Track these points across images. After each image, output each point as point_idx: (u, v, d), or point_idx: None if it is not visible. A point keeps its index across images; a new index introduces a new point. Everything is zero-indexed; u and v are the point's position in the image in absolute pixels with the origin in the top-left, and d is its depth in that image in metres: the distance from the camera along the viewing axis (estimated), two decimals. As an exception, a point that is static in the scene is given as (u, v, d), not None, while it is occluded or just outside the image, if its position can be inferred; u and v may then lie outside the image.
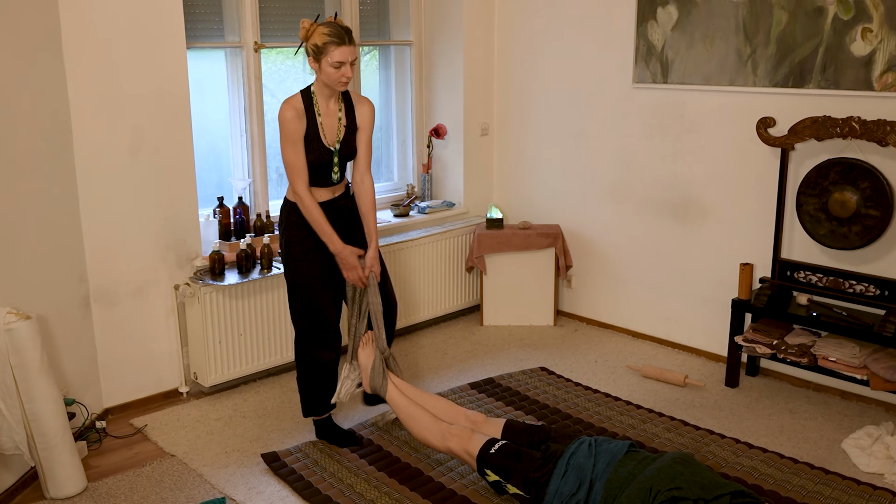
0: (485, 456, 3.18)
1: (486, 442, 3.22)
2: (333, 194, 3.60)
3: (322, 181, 3.52)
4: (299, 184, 3.44)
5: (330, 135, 3.48)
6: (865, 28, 3.87)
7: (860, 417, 4.02)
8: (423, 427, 3.40)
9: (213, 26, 4.43)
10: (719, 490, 2.80)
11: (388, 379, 3.59)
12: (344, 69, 3.34)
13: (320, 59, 3.34)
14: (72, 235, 3.79)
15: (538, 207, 5.50)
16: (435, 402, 3.57)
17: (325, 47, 3.31)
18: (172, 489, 3.42)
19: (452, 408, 3.53)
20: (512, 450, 3.18)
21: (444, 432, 3.32)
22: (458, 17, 5.29)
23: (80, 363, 3.85)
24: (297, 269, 3.56)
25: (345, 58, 3.32)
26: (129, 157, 3.94)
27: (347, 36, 3.34)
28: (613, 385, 4.44)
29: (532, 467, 3.09)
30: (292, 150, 3.41)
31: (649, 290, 5.01)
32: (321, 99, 3.47)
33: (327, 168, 3.50)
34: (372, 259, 3.61)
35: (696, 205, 4.67)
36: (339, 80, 3.37)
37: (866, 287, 3.99)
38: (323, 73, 3.37)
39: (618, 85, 4.91)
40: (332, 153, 3.49)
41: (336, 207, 3.59)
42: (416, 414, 3.45)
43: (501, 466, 3.13)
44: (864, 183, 3.89)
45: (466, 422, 3.44)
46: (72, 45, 3.68)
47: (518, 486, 3.10)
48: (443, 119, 5.50)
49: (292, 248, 3.55)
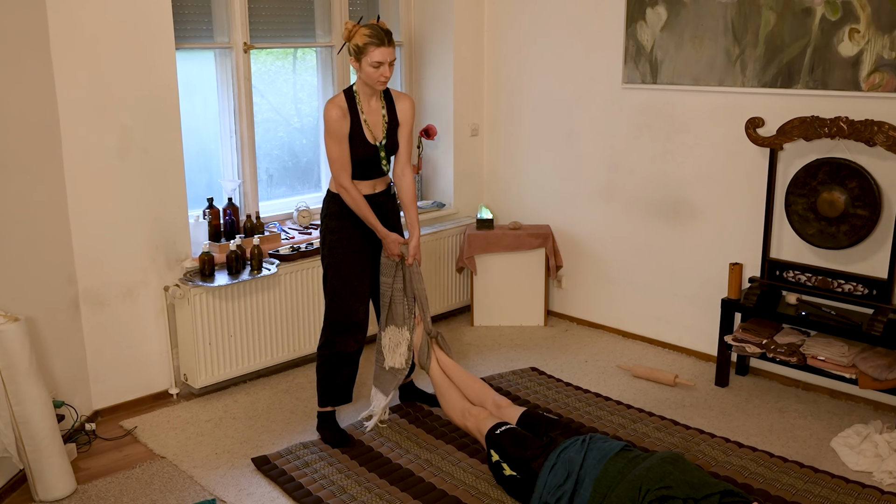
0: (491, 436, 3.36)
1: (496, 424, 3.40)
2: (374, 189, 3.72)
3: (370, 174, 3.67)
4: (343, 177, 3.58)
5: (375, 131, 3.63)
6: (853, 29, 3.89)
7: (849, 416, 4.04)
8: (450, 404, 3.73)
9: (202, 27, 4.42)
10: (708, 489, 2.81)
11: (433, 356, 3.87)
12: (382, 69, 3.48)
13: (361, 59, 3.48)
14: (60, 237, 3.77)
15: (528, 208, 5.51)
16: (471, 382, 3.82)
17: (365, 48, 3.45)
18: (162, 491, 3.41)
19: (484, 390, 3.78)
20: (515, 433, 3.33)
21: (465, 411, 3.62)
22: (447, 17, 5.29)
23: (69, 365, 3.84)
24: (332, 256, 3.69)
25: (384, 58, 3.46)
26: (118, 158, 3.92)
27: (388, 38, 3.48)
28: (604, 385, 4.45)
29: (529, 451, 3.20)
30: (337, 146, 3.55)
31: (639, 290, 5.02)
32: (363, 97, 3.61)
33: (375, 162, 3.65)
34: (415, 248, 3.78)
35: (686, 205, 4.68)
36: (378, 80, 3.50)
37: (855, 286, 4.01)
38: (363, 72, 3.51)
39: (607, 85, 4.92)
40: (376, 148, 3.63)
41: (375, 203, 3.71)
42: (446, 392, 3.76)
43: (503, 447, 3.27)
44: (852, 183, 3.91)
45: (492, 405, 3.66)
46: (60, 46, 3.66)
47: (513, 467, 3.20)
48: (433, 120, 5.50)
49: (329, 237, 3.70)
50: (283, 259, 4.44)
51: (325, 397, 3.83)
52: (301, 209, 4.87)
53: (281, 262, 4.41)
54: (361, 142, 3.58)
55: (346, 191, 3.59)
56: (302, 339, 4.61)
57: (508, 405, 3.63)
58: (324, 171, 5.18)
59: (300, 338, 4.61)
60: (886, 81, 3.83)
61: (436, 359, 3.89)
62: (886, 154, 3.86)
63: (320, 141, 5.12)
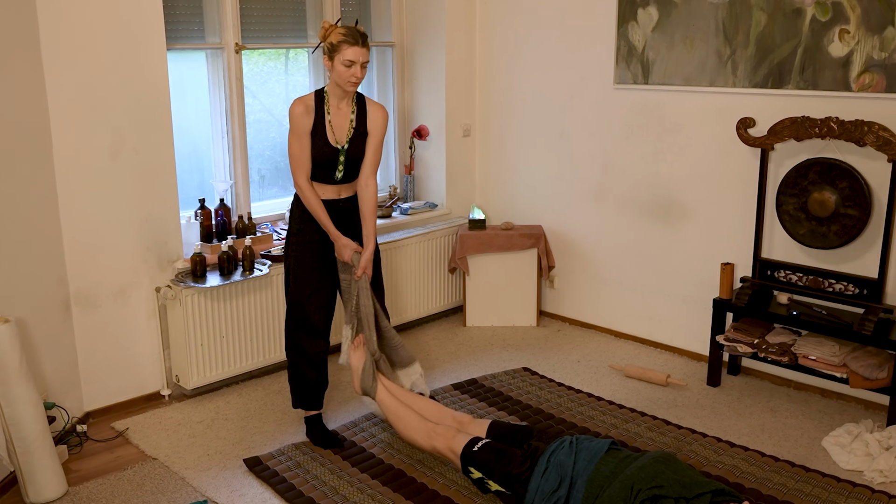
0: (468, 454, 3.22)
1: (470, 440, 3.26)
2: (339, 195, 3.70)
3: (327, 178, 3.64)
4: (300, 175, 3.59)
5: (338, 134, 3.60)
6: (843, 29, 3.90)
7: (840, 415, 4.06)
8: (410, 427, 3.48)
9: (193, 27, 4.41)
10: (700, 488, 2.82)
11: (378, 381, 3.63)
12: (354, 68, 3.47)
13: (334, 57, 3.49)
14: (51, 238, 3.76)
15: (520, 208, 5.51)
16: (423, 403, 3.64)
17: (339, 45, 3.46)
18: (154, 493, 3.40)
19: (440, 409, 3.61)
20: (494, 447, 3.21)
21: (430, 432, 3.40)
22: (439, 18, 5.29)
23: (60, 366, 3.83)
24: (292, 257, 3.69)
25: (356, 57, 3.46)
26: (109, 159, 3.91)
27: (362, 39, 3.49)
28: (596, 385, 4.46)
29: (514, 464, 3.12)
30: (296, 143, 3.56)
31: (631, 290, 5.03)
32: (333, 99, 3.60)
33: (332, 165, 3.62)
34: (366, 261, 3.65)
35: (678, 205, 4.69)
36: (349, 80, 3.50)
37: (845, 286, 4.02)
38: (335, 71, 3.51)
39: (599, 86, 4.93)
40: (337, 151, 3.60)
41: (337, 208, 3.69)
42: (403, 414, 3.52)
43: (484, 464, 3.17)
44: (843, 183, 3.92)
45: (453, 422, 3.49)
46: (50, 46, 3.65)
47: (500, 483, 3.13)
48: (425, 120, 5.50)
49: (291, 238, 3.71)
50: (274, 260, 4.43)
51: (297, 399, 3.84)
52: (293, 210, 4.87)
53: (273, 263, 4.40)
54: (322, 142, 3.57)
55: (301, 190, 3.59)
56: (294, 340, 4.60)
57: (471, 420, 3.50)
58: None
59: (292, 338, 4.60)
60: (876, 82, 3.84)
61: (382, 383, 3.64)
62: (876, 154, 3.87)
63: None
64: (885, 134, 3.73)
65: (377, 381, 3.63)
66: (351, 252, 3.63)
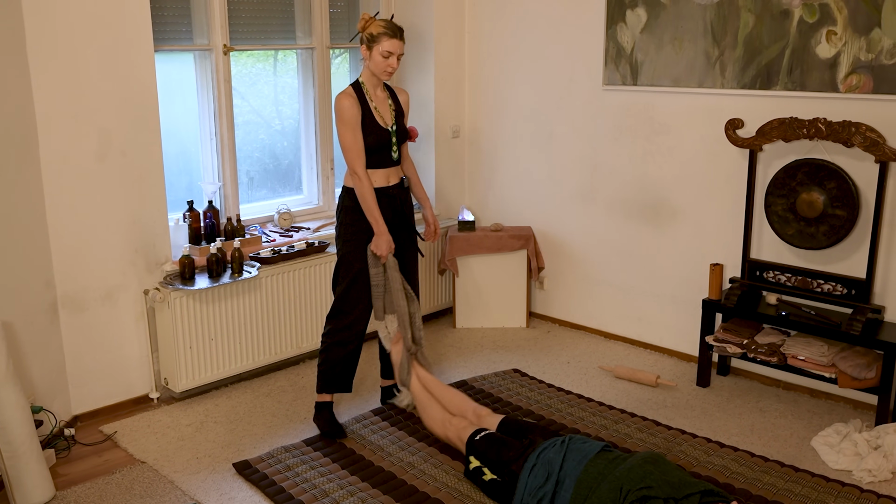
0: (471, 442, 3.37)
1: (476, 430, 3.42)
2: (388, 181, 3.84)
3: (383, 161, 3.80)
4: (358, 164, 3.70)
5: (386, 116, 3.81)
6: (830, 31, 3.92)
7: (829, 415, 4.07)
8: (431, 418, 3.74)
9: (181, 29, 4.40)
10: (689, 489, 2.83)
11: (413, 372, 3.87)
12: (391, 59, 3.68)
13: (372, 48, 3.68)
14: (38, 241, 3.74)
15: (510, 209, 5.51)
16: (452, 395, 3.82)
17: (378, 37, 3.66)
18: (143, 497, 3.39)
19: (464, 402, 3.78)
20: (496, 438, 3.34)
21: (446, 422, 3.64)
22: (428, 19, 5.29)
23: (47, 370, 3.80)
24: (346, 248, 3.82)
25: (394, 49, 3.67)
26: (97, 161, 3.89)
27: (400, 32, 3.71)
28: (586, 386, 4.46)
29: (509, 454, 3.21)
30: (351, 133, 3.68)
31: (621, 291, 5.04)
32: (370, 87, 3.79)
33: (387, 147, 3.80)
34: (432, 215, 4.15)
35: (667, 206, 4.70)
36: (386, 70, 3.70)
37: (834, 286, 4.04)
38: (372, 60, 3.70)
39: (588, 87, 4.94)
40: (389, 133, 3.79)
41: (389, 196, 3.83)
42: (428, 406, 3.78)
43: (483, 452, 3.29)
44: (831, 183, 3.94)
45: (472, 415, 3.67)
46: (37, 48, 3.63)
47: (493, 471, 3.22)
48: (414, 122, 5.49)
49: (342, 231, 3.83)
50: (263, 262, 4.42)
51: (325, 384, 3.90)
52: (282, 212, 4.86)
53: (262, 265, 4.39)
54: (374, 127, 3.73)
55: (359, 179, 3.70)
56: (283, 343, 4.60)
57: (489, 413, 3.64)
58: (305, 174, 5.17)
59: (281, 341, 4.59)
60: (863, 83, 3.86)
61: (416, 375, 3.88)
62: (864, 155, 3.89)
63: (301, 143, 5.12)
64: (872, 135, 3.75)
65: (412, 374, 3.87)
66: (388, 247, 3.75)
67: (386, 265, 3.81)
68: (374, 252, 3.76)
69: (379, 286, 3.84)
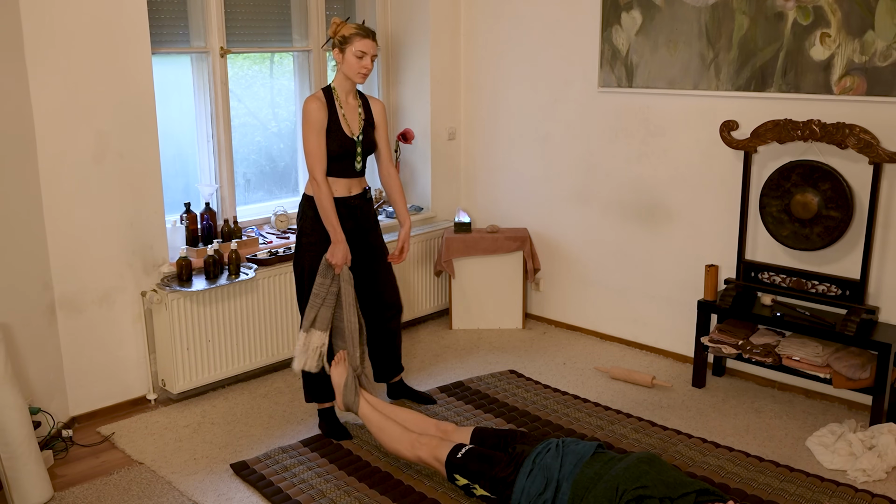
0: (453, 461, 3.22)
1: (454, 447, 3.26)
2: (349, 191, 3.78)
3: (345, 171, 3.74)
4: (318, 170, 3.65)
5: (353, 125, 3.74)
6: (824, 33, 3.94)
7: (823, 415, 4.09)
8: (394, 439, 3.46)
9: (178, 31, 4.41)
10: (684, 488, 2.84)
11: (360, 395, 3.66)
12: (365, 60, 3.64)
13: (345, 49, 3.64)
14: (36, 242, 3.74)
15: (506, 211, 5.53)
16: (406, 415, 3.62)
17: (351, 38, 3.62)
18: (140, 497, 3.39)
19: (423, 419, 3.59)
20: (478, 453, 3.21)
21: (414, 442, 3.38)
22: (424, 21, 5.30)
23: (45, 371, 3.81)
24: (306, 257, 3.75)
25: (367, 49, 3.63)
26: (94, 162, 3.90)
27: (372, 34, 3.68)
28: (582, 387, 4.47)
29: (498, 468, 3.12)
30: (315, 137, 3.63)
31: (616, 293, 5.05)
32: (341, 93, 3.73)
33: (351, 157, 3.73)
34: (406, 236, 3.94)
35: (662, 207, 4.72)
36: (359, 71, 3.66)
37: (828, 287, 4.06)
38: (345, 63, 3.66)
39: (583, 89, 4.96)
40: (355, 142, 3.73)
41: (349, 206, 3.77)
42: (386, 427, 3.51)
43: (469, 470, 3.17)
44: (825, 185, 3.96)
45: (437, 431, 3.49)
46: (34, 50, 3.64)
47: (485, 487, 3.13)
48: (410, 124, 5.51)
49: (303, 239, 3.77)
50: (260, 263, 4.43)
51: (309, 394, 3.89)
52: (279, 213, 4.87)
53: (259, 267, 4.40)
54: (339, 134, 3.67)
55: (317, 185, 3.64)
56: (280, 344, 4.60)
57: (454, 429, 3.49)
58: (301, 176, 5.18)
59: (278, 342, 4.60)
60: (857, 85, 3.88)
61: (364, 397, 3.67)
62: (858, 156, 3.91)
63: (298, 145, 5.12)
64: (866, 136, 3.77)
65: (359, 397, 3.65)
66: (344, 257, 3.67)
67: (340, 278, 3.70)
68: (328, 261, 3.67)
69: (319, 296, 3.68)
